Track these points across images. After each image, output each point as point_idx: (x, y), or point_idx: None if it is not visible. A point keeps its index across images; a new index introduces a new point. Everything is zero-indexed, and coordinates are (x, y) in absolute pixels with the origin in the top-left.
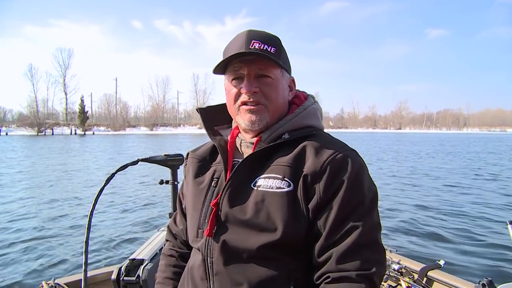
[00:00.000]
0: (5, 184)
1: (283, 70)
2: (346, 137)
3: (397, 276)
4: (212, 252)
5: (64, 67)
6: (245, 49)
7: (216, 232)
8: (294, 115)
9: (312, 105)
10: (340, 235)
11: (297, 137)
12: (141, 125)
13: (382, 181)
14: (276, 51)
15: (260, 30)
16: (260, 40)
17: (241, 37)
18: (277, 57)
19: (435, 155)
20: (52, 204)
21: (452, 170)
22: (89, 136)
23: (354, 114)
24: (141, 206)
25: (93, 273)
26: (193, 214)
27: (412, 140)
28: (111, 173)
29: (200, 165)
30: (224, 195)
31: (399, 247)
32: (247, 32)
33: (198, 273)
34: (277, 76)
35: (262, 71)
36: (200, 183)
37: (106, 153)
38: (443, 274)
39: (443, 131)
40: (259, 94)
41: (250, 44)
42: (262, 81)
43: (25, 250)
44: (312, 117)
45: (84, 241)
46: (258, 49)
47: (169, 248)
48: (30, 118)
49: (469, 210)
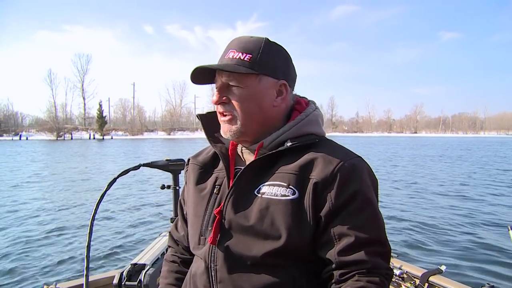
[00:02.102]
0: (22, 185)
1: (262, 76)
2: (363, 142)
3: (398, 282)
4: (215, 260)
5: (82, 72)
6: (219, 61)
7: (220, 239)
8: (296, 122)
9: (313, 111)
10: (356, 241)
11: (300, 144)
12: (158, 130)
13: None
14: (251, 58)
15: (244, 37)
16: (236, 48)
17: (227, 46)
18: (251, 65)
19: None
20: (60, 207)
21: (460, 175)
22: (107, 141)
23: (370, 118)
24: (143, 211)
25: (95, 277)
26: (194, 221)
27: (438, 144)
28: (113, 178)
29: (201, 172)
30: (227, 202)
31: (401, 252)
32: (232, 40)
33: (201, 281)
34: (249, 85)
35: (230, 81)
36: (201, 190)
37: (130, 157)
38: (444, 279)
39: (459, 134)
40: (229, 105)
41: (226, 54)
42: (233, 91)
43: (28, 254)
44: (313, 124)
45: (85, 245)
46: (230, 59)
47: (171, 254)
48: (49, 123)
49: (470, 215)
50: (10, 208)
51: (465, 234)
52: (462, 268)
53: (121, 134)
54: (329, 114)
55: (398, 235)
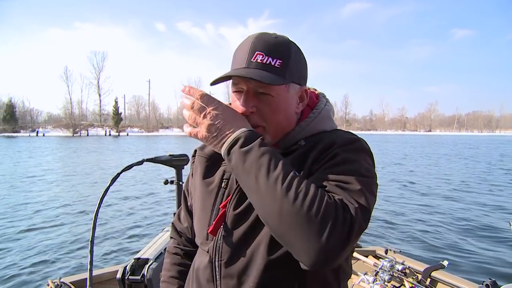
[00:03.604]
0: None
1: (290, 84)
2: (376, 139)
3: (401, 277)
4: (221, 254)
5: (98, 69)
6: (246, 64)
7: (225, 235)
8: (310, 121)
9: (324, 106)
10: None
11: (313, 142)
12: (173, 127)
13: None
14: (281, 64)
15: (268, 35)
16: (264, 51)
17: (247, 45)
18: (283, 72)
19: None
20: (69, 202)
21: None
22: (123, 137)
23: (384, 116)
24: (146, 206)
25: (99, 272)
26: (201, 216)
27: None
28: (116, 173)
29: (208, 165)
30: (234, 197)
31: (403, 247)
32: (253, 39)
33: (204, 275)
34: (279, 93)
35: (262, 89)
36: (209, 184)
37: (149, 152)
38: (446, 274)
39: (474, 133)
40: (256, 115)
41: (253, 56)
42: (261, 100)
43: (32, 248)
44: (327, 121)
45: (89, 240)
46: (260, 63)
47: (174, 246)
48: (66, 119)
49: (473, 210)
50: (22, 201)
51: (466, 230)
52: (464, 263)
53: (137, 131)
54: (342, 112)
55: (401, 231)
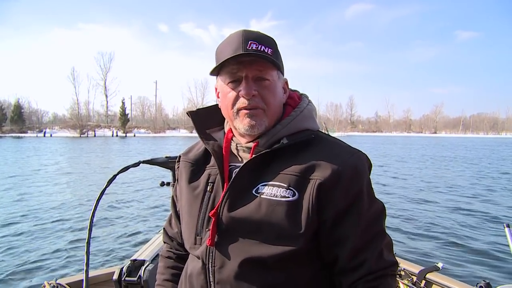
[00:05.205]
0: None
1: (279, 72)
2: (379, 140)
3: (396, 279)
4: (214, 261)
5: (105, 70)
6: (243, 50)
7: (218, 240)
8: (291, 119)
9: (307, 106)
10: (368, 240)
11: (296, 141)
12: (180, 128)
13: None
14: (272, 52)
15: (255, 31)
16: (257, 40)
17: (237, 38)
18: (275, 59)
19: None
20: (66, 202)
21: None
22: (131, 138)
23: (389, 118)
24: (142, 208)
25: (95, 273)
26: (189, 221)
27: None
28: (113, 174)
29: (193, 169)
30: (225, 202)
31: (398, 249)
32: (242, 32)
33: (197, 281)
34: (274, 79)
35: (261, 73)
36: (194, 189)
37: (158, 153)
38: (441, 276)
39: (480, 135)
40: (257, 98)
41: (247, 45)
42: (260, 84)
43: (28, 250)
44: (309, 119)
45: (86, 241)
46: (255, 50)
47: (167, 250)
48: (73, 120)
49: (467, 212)
50: (21, 200)
51: (461, 232)
52: (459, 265)
53: (144, 132)
54: (348, 113)
55: (396, 232)
